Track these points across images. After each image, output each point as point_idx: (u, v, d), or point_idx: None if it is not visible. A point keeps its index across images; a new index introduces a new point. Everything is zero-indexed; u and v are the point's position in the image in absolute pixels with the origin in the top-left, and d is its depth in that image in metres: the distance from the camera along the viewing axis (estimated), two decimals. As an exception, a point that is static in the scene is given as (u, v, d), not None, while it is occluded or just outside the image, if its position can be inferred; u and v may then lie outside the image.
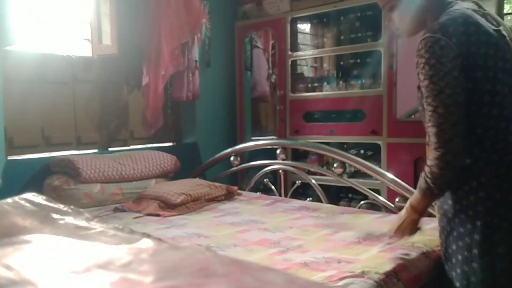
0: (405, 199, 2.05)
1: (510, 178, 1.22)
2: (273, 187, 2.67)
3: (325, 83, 3.11)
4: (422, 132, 2.66)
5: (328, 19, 3.17)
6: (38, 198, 1.04)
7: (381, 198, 2.19)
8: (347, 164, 2.33)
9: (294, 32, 3.17)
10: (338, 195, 2.98)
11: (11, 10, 2.13)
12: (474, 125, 1.24)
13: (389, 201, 2.15)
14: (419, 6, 1.33)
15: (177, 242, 1.62)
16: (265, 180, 2.68)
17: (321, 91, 3.02)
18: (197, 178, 2.74)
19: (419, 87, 1.30)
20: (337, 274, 1.26)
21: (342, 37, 3.08)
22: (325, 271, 1.29)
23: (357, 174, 2.68)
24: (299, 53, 3.16)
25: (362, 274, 1.25)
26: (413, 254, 1.43)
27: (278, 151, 2.56)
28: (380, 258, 1.38)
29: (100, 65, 2.81)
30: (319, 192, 2.37)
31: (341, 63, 3.17)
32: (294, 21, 3.14)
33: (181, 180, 2.55)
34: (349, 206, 2.56)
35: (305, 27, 3.39)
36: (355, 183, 2.30)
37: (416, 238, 1.56)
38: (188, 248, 0.79)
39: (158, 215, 2.13)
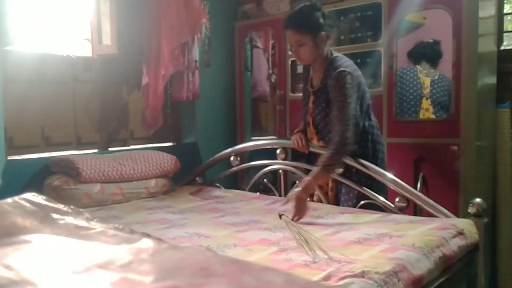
0: (405, 199, 2.05)
1: None
2: (273, 187, 2.67)
3: (325, 83, 3.11)
4: (422, 132, 2.67)
5: (328, 19, 3.17)
6: (38, 198, 1.04)
7: (381, 198, 2.19)
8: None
9: (294, 32, 3.17)
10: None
11: (11, 10, 2.13)
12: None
13: (389, 201, 2.15)
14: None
15: (177, 242, 1.62)
16: (265, 180, 2.68)
17: (321, 91, 3.02)
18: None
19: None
20: (337, 274, 1.26)
21: (342, 37, 3.08)
22: (325, 270, 1.29)
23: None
24: (299, 53, 3.16)
25: (362, 274, 1.25)
26: (414, 254, 1.43)
27: (278, 151, 2.56)
28: (380, 258, 1.38)
29: (100, 65, 2.81)
30: (319, 192, 2.37)
31: (341, 63, 3.17)
32: (294, 21, 3.13)
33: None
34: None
35: (305, 27, 3.38)
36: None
37: (416, 238, 1.57)
38: (188, 248, 0.79)
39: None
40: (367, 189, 2.15)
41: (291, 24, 2.10)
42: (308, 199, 2.05)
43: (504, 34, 2.84)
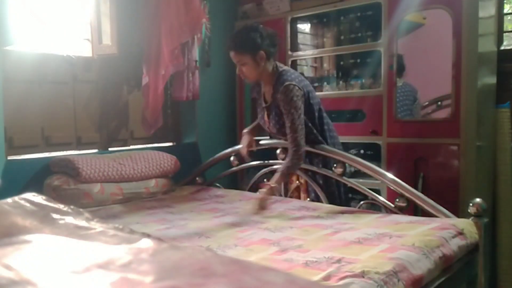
0: (405, 199, 2.05)
1: None
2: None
3: (325, 83, 3.11)
4: (422, 132, 2.68)
5: (328, 19, 3.17)
6: (38, 198, 1.04)
7: (381, 198, 2.19)
8: (347, 164, 2.33)
9: (294, 32, 3.17)
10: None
11: (11, 10, 2.13)
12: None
13: (389, 201, 2.15)
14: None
15: (178, 242, 1.62)
16: (265, 180, 2.68)
17: (321, 91, 3.02)
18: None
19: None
20: (338, 274, 1.26)
21: (342, 37, 3.08)
22: (325, 270, 1.29)
23: (357, 174, 2.67)
24: (299, 53, 3.16)
25: (362, 274, 1.25)
26: (414, 254, 1.43)
27: (278, 151, 2.56)
28: (380, 258, 1.38)
29: (100, 65, 2.81)
30: (319, 192, 2.37)
31: (341, 63, 3.17)
32: (294, 21, 3.14)
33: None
34: (349, 206, 2.56)
35: (305, 27, 3.38)
36: (355, 183, 2.30)
37: (416, 238, 1.57)
38: (188, 248, 0.79)
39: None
40: (369, 190, 2.15)
41: (232, 46, 2.27)
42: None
43: (504, 34, 2.84)
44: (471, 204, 1.83)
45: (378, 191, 2.42)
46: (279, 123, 2.35)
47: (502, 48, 2.79)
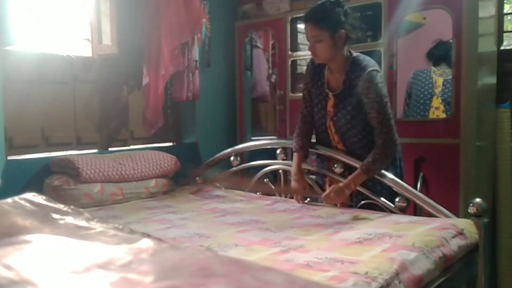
0: (405, 199, 2.05)
1: None
2: (273, 187, 2.67)
3: (325, 83, 3.10)
4: (422, 132, 2.68)
5: (328, 19, 3.17)
6: (38, 198, 1.04)
7: (381, 198, 2.19)
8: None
9: (294, 32, 3.17)
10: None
11: (11, 10, 2.13)
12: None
13: (389, 201, 2.15)
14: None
15: (178, 242, 1.62)
16: (265, 180, 2.68)
17: (321, 91, 3.02)
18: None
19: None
20: (340, 274, 1.26)
21: (342, 37, 3.07)
22: (327, 271, 1.29)
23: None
24: (299, 53, 3.16)
25: (364, 275, 1.25)
26: (414, 254, 1.43)
27: (278, 151, 2.56)
28: (381, 258, 1.38)
29: (100, 65, 2.81)
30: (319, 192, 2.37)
31: (341, 63, 3.17)
32: (294, 21, 3.13)
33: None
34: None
35: (305, 27, 3.38)
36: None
37: (416, 238, 1.57)
38: (188, 248, 0.79)
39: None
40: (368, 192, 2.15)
41: (310, 18, 2.02)
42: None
43: (504, 34, 2.84)
44: (471, 204, 1.83)
45: (378, 191, 2.41)
46: (350, 114, 2.06)
47: (502, 48, 2.79)
